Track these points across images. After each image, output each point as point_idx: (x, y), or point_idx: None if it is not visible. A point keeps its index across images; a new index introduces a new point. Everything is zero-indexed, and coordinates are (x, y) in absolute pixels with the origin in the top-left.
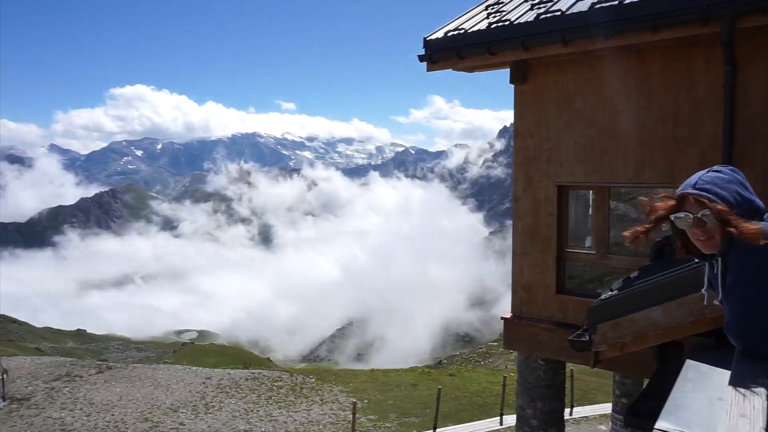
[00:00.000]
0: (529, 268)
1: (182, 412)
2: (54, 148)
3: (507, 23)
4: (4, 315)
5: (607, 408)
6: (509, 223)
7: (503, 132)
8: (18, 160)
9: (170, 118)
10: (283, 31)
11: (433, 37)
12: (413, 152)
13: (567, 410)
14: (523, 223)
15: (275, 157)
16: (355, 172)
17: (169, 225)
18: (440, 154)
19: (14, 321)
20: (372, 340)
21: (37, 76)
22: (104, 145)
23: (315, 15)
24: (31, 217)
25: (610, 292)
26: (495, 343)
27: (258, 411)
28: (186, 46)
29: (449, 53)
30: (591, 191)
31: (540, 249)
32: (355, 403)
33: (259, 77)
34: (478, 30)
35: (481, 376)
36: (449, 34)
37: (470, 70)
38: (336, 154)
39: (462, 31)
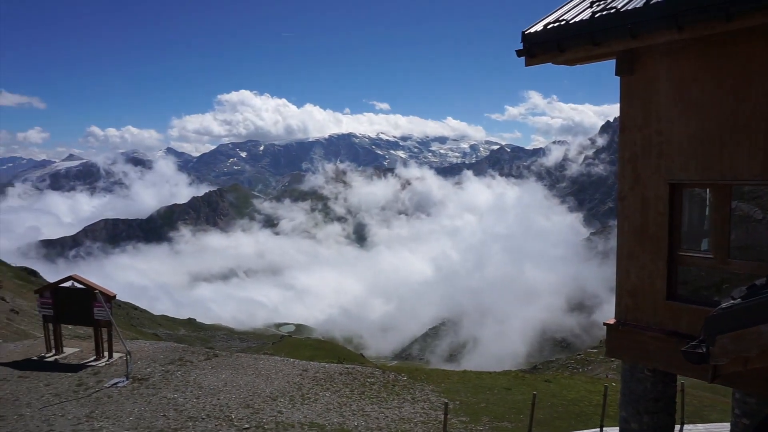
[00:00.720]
0: (636, 271)
1: (280, 401)
2: (170, 151)
3: (613, 11)
4: (127, 302)
5: (723, 428)
6: (612, 223)
7: (606, 127)
8: (140, 162)
9: (271, 122)
10: (378, 34)
11: (532, 30)
12: (509, 150)
13: (677, 427)
14: (630, 223)
15: (370, 156)
16: (448, 171)
17: (270, 223)
18: (537, 152)
19: (136, 308)
20: (464, 341)
21: (155, 87)
22: (213, 147)
23: (407, 16)
24: (151, 214)
25: (732, 301)
26: (594, 350)
27: (351, 405)
28: (285, 52)
29: (549, 46)
30: (708, 189)
31: (649, 251)
32: (447, 404)
33: (355, 79)
34: (581, 20)
35: (579, 384)
36: (549, 27)
37: (571, 63)
38: (429, 153)
39: (563, 23)
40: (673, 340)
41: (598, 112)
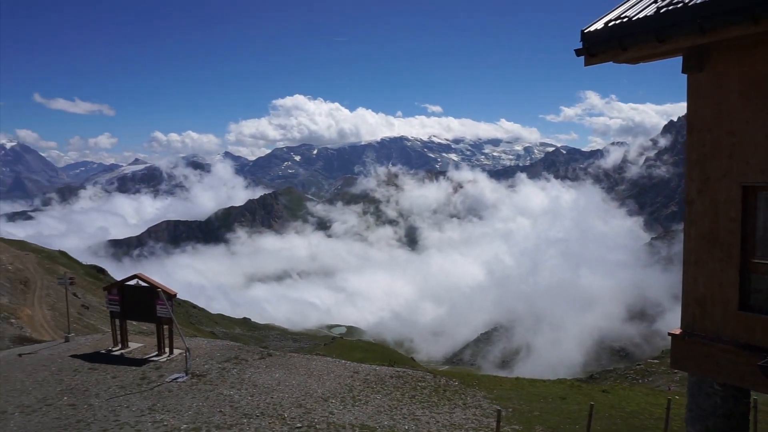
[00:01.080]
0: (704, 279)
1: (332, 402)
2: (227, 155)
3: (680, 5)
4: (187, 301)
5: None
6: (676, 227)
7: (669, 127)
8: (199, 166)
9: (325, 126)
10: (429, 36)
11: (592, 28)
12: (564, 152)
13: None
14: (698, 228)
15: (422, 160)
16: (501, 173)
17: (322, 225)
18: (595, 154)
19: (194, 306)
20: (517, 347)
21: (214, 93)
22: (268, 151)
23: (460, 17)
24: (209, 216)
25: None
26: (656, 361)
27: (401, 408)
28: (338, 56)
29: (611, 44)
30: None
31: (719, 258)
32: (499, 411)
33: (406, 82)
34: (645, 16)
35: (639, 396)
36: (610, 24)
37: (634, 61)
38: (482, 156)
39: (625, 20)
40: (746, 353)
41: (661, 112)
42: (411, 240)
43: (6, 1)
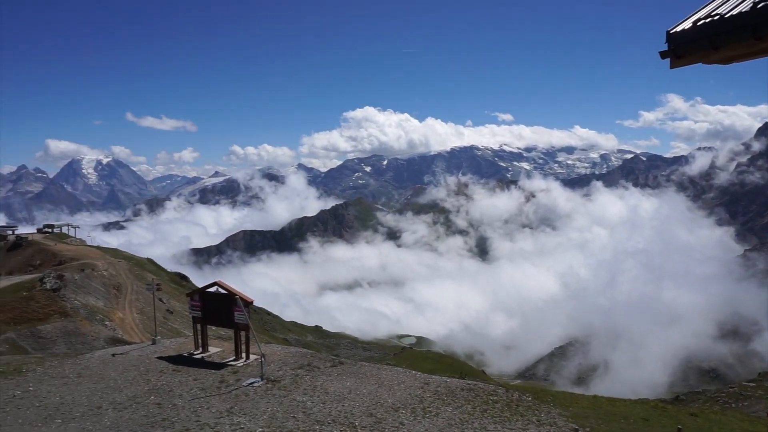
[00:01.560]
0: None
1: (402, 413)
2: (301, 167)
3: None
4: (262, 308)
5: None
6: None
7: (763, 130)
8: (274, 177)
9: (394, 136)
10: (498, 43)
11: (679, 28)
12: (644, 159)
13: None
14: None
15: (492, 169)
16: (576, 182)
17: (392, 235)
18: (678, 160)
19: (269, 313)
20: (595, 363)
21: (288, 107)
22: (339, 163)
23: (528, 23)
24: (283, 226)
25: None
26: (752, 384)
27: (473, 422)
28: (406, 68)
29: (700, 44)
30: None
31: None
32: (576, 430)
33: (476, 91)
34: (740, 12)
35: (733, 422)
36: (700, 23)
37: (726, 61)
38: (555, 164)
39: (716, 17)
40: None
41: (753, 114)
42: (481, 250)
43: (101, 32)
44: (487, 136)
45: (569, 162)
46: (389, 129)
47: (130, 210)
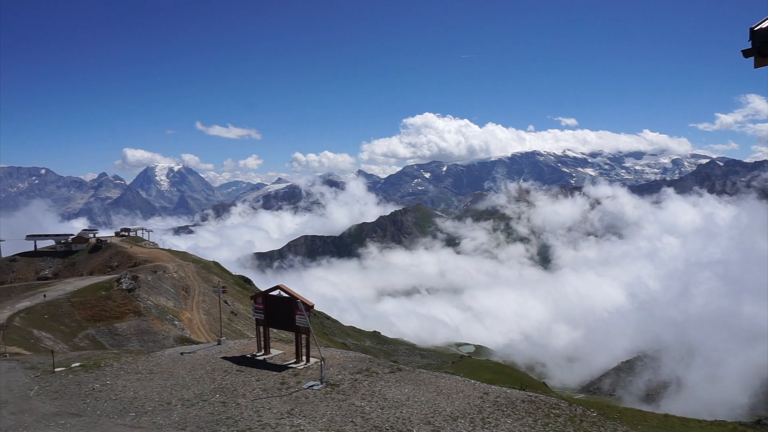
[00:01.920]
0: None
1: (461, 422)
2: (360, 173)
3: None
4: (321, 312)
5: None
6: None
7: None
8: (334, 184)
9: (454, 142)
10: (559, 46)
11: (765, 25)
12: (721, 164)
13: None
14: None
15: (555, 175)
16: (645, 188)
17: (451, 242)
18: (761, 165)
19: (328, 318)
20: (666, 380)
21: (349, 114)
22: (399, 169)
23: (591, 22)
24: (343, 232)
25: None
26: None
27: None
28: (466, 73)
29: None
30: None
31: None
32: None
33: (538, 95)
34: None
35: None
36: None
37: None
38: (623, 170)
39: None
40: None
41: None
42: (543, 258)
43: (174, 49)
44: (549, 142)
45: (638, 168)
46: (449, 135)
47: (198, 215)
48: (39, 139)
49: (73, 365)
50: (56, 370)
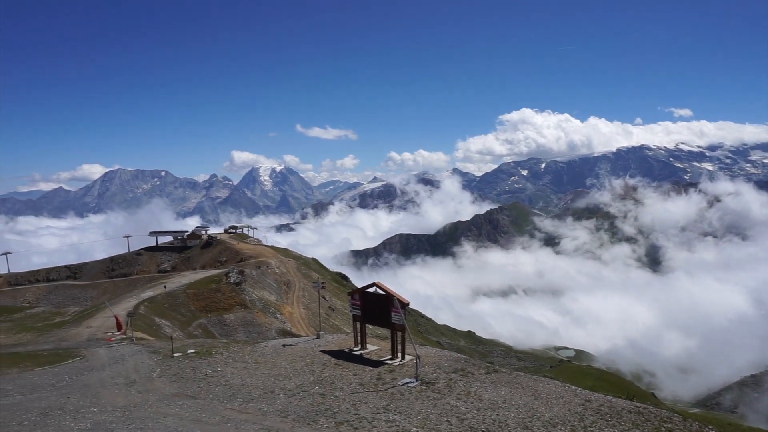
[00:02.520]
0: None
1: (560, 429)
2: (456, 171)
3: None
4: (416, 310)
5: None
6: None
7: None
8: (429, 182)
9: (553, 138)
10: (667, 30)
11: None
12: None
13: None
14: None
15: (667, 170)
16: None
17: (550, 241)
18: None
19: (422, 316)
20: None
21: (443, 113)
22: (495, 166)
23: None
24: (437, 230)
25: None
26: None
27: None
28: (564, 65)
29: None
30: None
31: None
32: None
33: (645, 86)
34: None
35: None
36: None
37: None
38: (747, 164)
39: None
40: None
41: None
42: (652, 260)
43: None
44: (660, 135)
45: (766, 161)
46: (547, 131)
47: (298, 213)
48: (160, 143)
49: (188, 351)
50: (174, 355)
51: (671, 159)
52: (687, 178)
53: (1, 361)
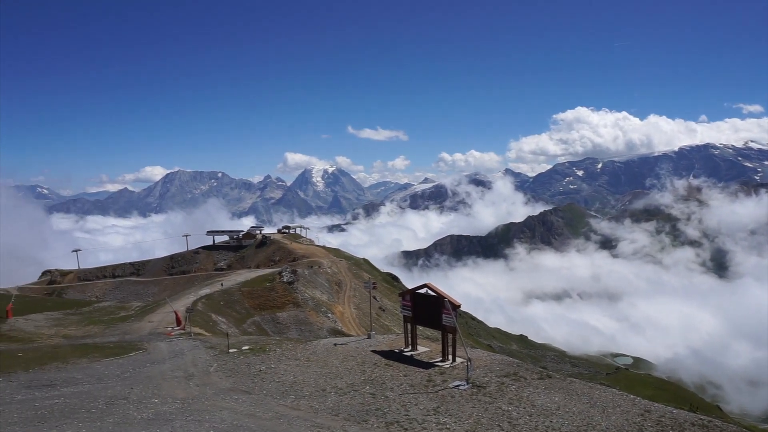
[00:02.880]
0: None
1: None
2: (508, 172)
3: None
4: (466, 312)
5: None
6: None
7: None
8: (481, 183)
9: (610, 137)
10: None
11: None
12: None
13: None
14: None
15: (734, 170)
16: None
17: (607, 244)
18: None
19: (473, 318)
20: None
21: (495, 113)
22: (549, 167)
23: None
24: (489, 231)
25: None
26: None
27: None
28: (621, 62)
29: None
30: None
31: None
32: None
33: (711, 81)
34: None
35: None
36: None
37: None
38: None
39: None
40: None
41: None
42: (718, 265)
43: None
44: (727, 132)
45: None
46: (604, 129)
47: (349, 214)
48: (217, 146)
49: (243, 348)
50: (230, 350)
51: (740, 158)
52: (757, 178)
53: (72, 351)
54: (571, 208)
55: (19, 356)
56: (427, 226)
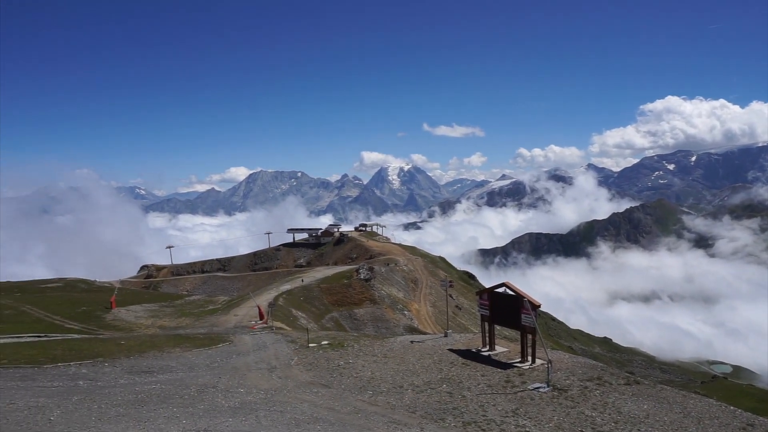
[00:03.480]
0: None
1: None
2: (590, 167)
3: None
4: (546, 312)
5: None
6: None
7: None
8: (561, 179)
9: (706, 128)
10: None
11: None
12: None
13: None
14: None
15: None
16: None
17: (702, 242)
18: None
19: (553, 319)
20: None
21: (576, 106)
22: (635, 161)
23: None
24: (570, 229)
25: None
26: None
27: None
28: (718, 46)
29: None
30: None
31: None
32: None
33: None
34: None
35: None
36: None
37: None
38: None
39: None
40: None
41: None
42: None
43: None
44: None
45: None
46: (698, 120)
47: (425, 212)
48: (297, 146)
49: (322, 343)
50: (310, 345)
51: None
52: None
53: (167, 341)
54: (660, 204)
55: (121, 344)
56: (504, 224)
